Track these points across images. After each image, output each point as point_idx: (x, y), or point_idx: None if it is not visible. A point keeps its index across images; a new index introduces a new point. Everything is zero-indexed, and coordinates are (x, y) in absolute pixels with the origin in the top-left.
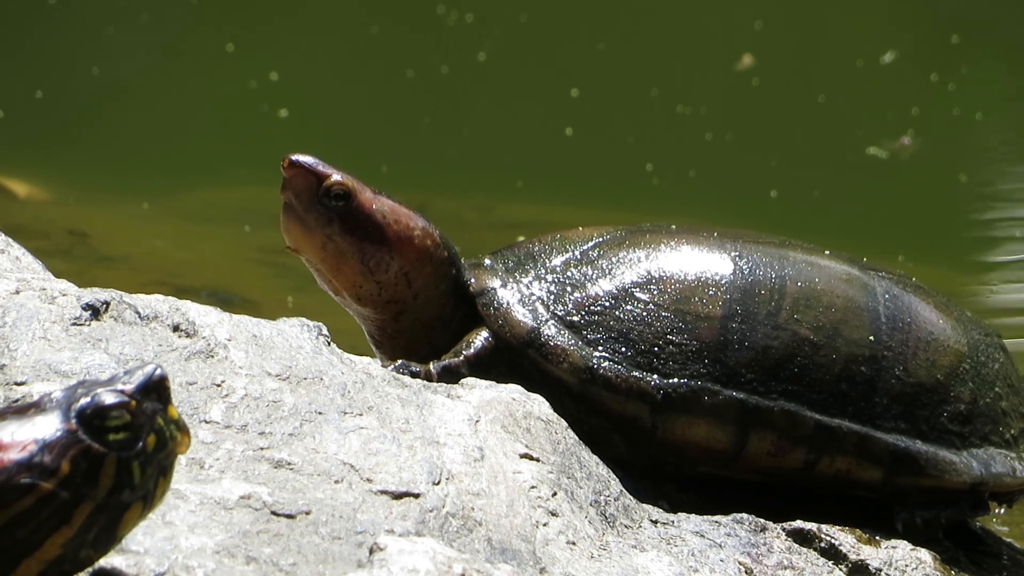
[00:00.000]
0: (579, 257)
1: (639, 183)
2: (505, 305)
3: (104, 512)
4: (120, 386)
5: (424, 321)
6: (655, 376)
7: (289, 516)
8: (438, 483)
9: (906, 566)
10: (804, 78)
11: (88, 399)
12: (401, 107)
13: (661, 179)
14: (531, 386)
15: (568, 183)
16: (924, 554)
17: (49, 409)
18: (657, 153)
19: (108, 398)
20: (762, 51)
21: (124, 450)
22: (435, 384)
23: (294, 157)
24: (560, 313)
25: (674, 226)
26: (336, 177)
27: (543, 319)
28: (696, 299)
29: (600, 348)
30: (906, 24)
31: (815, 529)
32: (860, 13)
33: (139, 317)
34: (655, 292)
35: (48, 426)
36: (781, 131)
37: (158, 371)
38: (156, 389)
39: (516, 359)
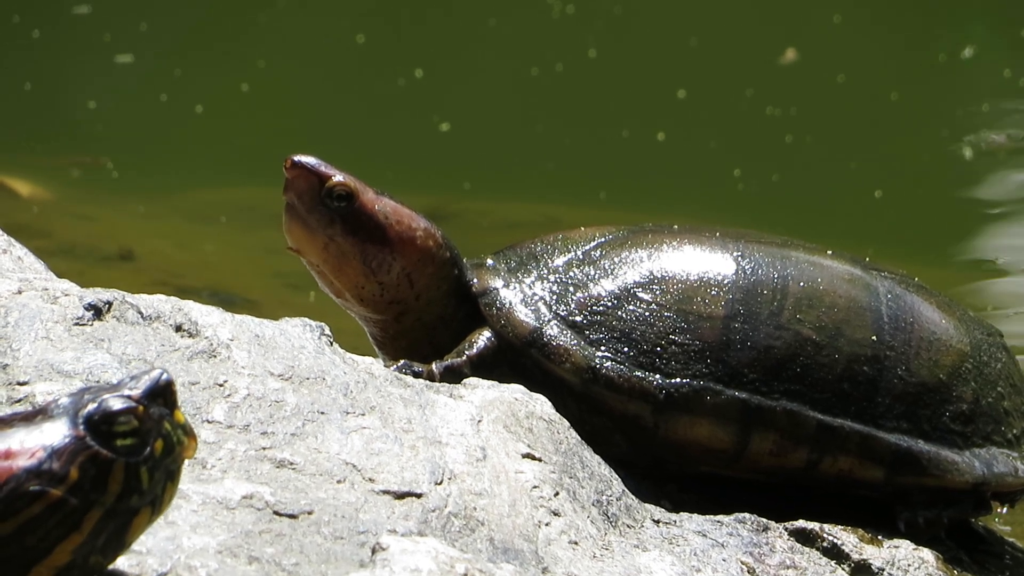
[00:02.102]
0: (581, 257)
1: (725, 189)
2: (508, 305)
3: (113, 518)
4: (127, 391)
5: (426, 322)
6: (657, 376)
7: (291, 516)
8: (440, 483)
9: (908, 565)
10: (879, 74)
11: (95, 405)
12: (520, 110)
13: (747, 184)
14: (533, 386)
15: (653, 193)
16: (926, 553)
17: (56, 415)
18: (744, 157)
19: (115, 404)
20: (840, 46)
21: (132, 455)
22: (437, 384)
23: (296, 157)
24: (562, 313)
25: (676, 226)
26: (338, 178)
27: (545, 319)
28: (698, 299)
29: (602, 348)
30: (976, 18)
31: (817, 528)
32: (931, 7)
33: (142, 317)
34: (657, 292)
35: (56, 433)
36: (859, 130)
37: (164, 376)
38: (163, 394)
39: (518, 359)
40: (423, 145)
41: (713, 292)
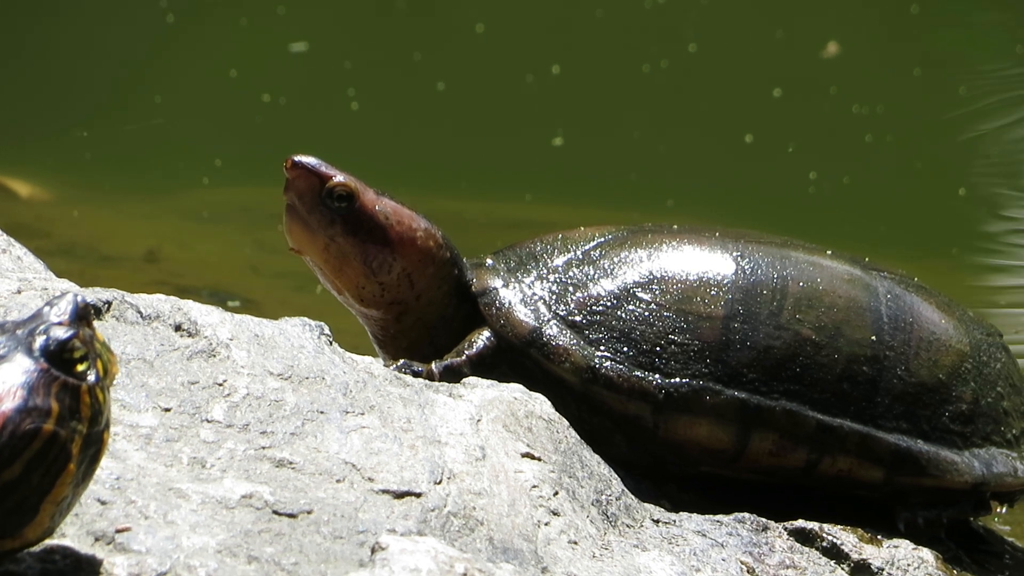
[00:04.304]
0: (581, 257)
1: (796, 194)
2: (507, 305)
3: (90, 444)
4: (55, 319)
5: (426, 321)
6: (657, 376)
7: (291, 515)
8: (440, 482)
9: (908, 565)
10: (952, 68)
11: (45, 337)
12: (624, 113)
13: (818, 188)
14: (533, 385)
15: (718, 200)
16: (926, 553)
17: (8, 354)
18: (821, 159)
19: (61, 332)
20: (918, 39)
21: (89, 379)
22: (437, 383)
23: (296, 158)
24: (562, 313)
25: (676, 226)
26: (339, 178)
27: (545, 319)
28: (698, 299)
29: (602, 348)
30: None
31: (817, 528)
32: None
33: (141, 317)
34: (657, 292)
35: (21, 369)
36: (934, 127)
37: (81, 297)
38: (85, 316)
39: (518, 359)
40: (535, 155)
41: (713, 292)
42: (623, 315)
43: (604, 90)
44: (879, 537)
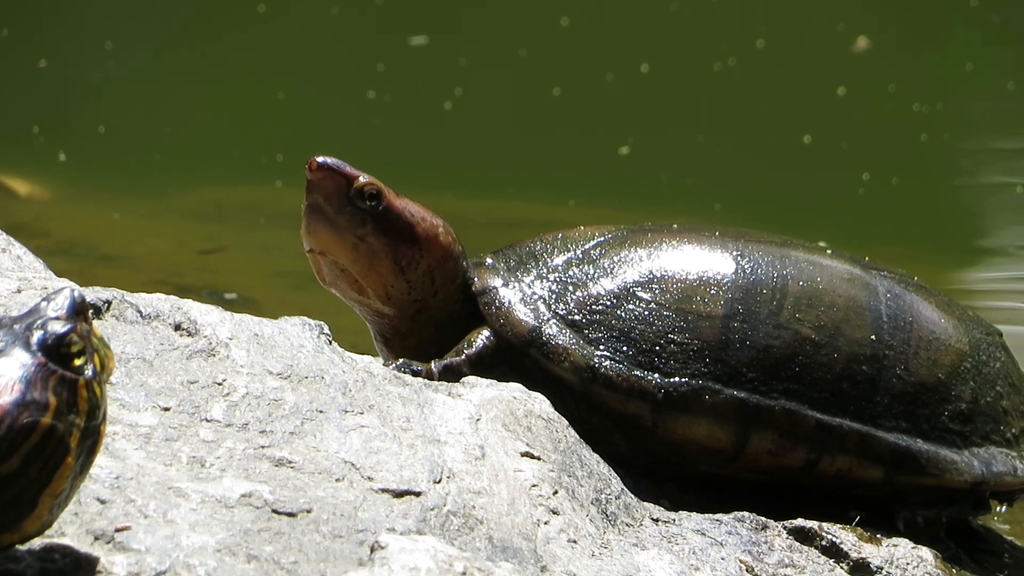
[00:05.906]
0: (581, 256)
1: (846, 196)
2: (507, 304)
3: (88, 437)
4: (52, 313)
5: (437, 319)
6: (656, 375)
7: (290, 514)
8: (439, 481)
9: (907, 564)
10: (1003, 62)
11: (42, 331)
12: (694, 116)
13: (868, 189)
14: (532, 385)
15: (770, 203)
16: (925, 552)
17: (6, 349)
18: (875, 159)
19: (59, 326)
20: (971, 33)
21: (87, 373)
22: (436, 383)
23: (320, 159)
24: (561, 312)
25: (676, 225)
26: (365, 178)
27: (544, 318)
28: (698, 298)
29: (601, 347)
30: None
31: (816, 527)
32: None
33: (141, 316)
34: (657, 291)
35: (19, 364)
36: (980, 125)
37: (78, 292)
38: (82, 311)
39: (518, 358)
40: (602, 164)
41: (712, 291)
42: (623, 314)
43: (677, 91)
44: (878, 536)
